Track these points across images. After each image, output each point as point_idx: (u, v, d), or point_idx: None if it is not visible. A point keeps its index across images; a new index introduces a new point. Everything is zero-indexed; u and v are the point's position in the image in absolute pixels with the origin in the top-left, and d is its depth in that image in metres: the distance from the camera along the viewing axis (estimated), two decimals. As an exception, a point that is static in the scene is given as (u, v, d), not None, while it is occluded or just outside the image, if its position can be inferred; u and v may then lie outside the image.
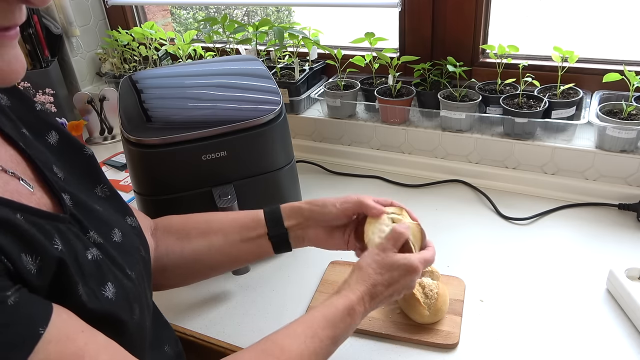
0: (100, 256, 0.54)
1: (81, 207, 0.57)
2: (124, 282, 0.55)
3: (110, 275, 0.54)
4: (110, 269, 0.54)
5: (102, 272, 0.53)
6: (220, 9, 3.93)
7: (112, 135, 1.65)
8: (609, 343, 0.80)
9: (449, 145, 1.25)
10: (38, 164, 0.55)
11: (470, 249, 1.03)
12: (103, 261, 0.54)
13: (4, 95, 0.59)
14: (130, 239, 0.63)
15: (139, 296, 0.58)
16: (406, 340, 0.83)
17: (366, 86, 1.35)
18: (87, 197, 0.59)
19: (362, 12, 3.04)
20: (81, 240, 0.53)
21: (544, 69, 1.23)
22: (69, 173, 0.59)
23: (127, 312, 0.54)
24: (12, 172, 0.51)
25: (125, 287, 0.55)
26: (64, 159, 0.60)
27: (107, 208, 0.62)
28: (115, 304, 0.52)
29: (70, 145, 0.63)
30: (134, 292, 0.56)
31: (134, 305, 0.55)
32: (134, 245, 0.63)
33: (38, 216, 0.49)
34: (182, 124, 0.93)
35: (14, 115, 0.58)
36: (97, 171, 0.65)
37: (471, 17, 1.24)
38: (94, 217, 0.58)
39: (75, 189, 0.58)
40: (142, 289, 0.60)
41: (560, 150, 1.14)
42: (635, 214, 1.07)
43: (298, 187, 1.07)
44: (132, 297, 0.56)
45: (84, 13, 1.72)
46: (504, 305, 0.89)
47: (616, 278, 0.87)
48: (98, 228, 0.57)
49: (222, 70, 1.10)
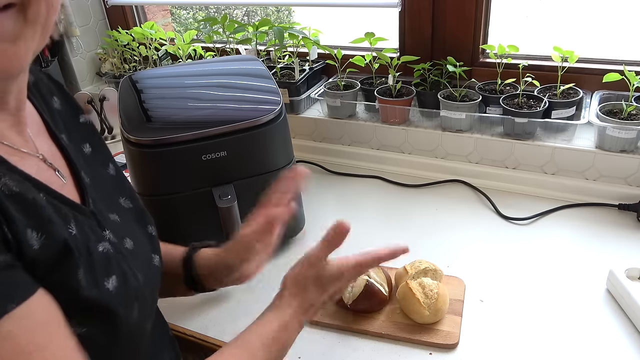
0: (112, 250, 0.55)
1: (100, 213, 0.59)
2: (130, 279, 0.56)
3: (117, 269, 0.55)
4: (119, 264, 0.56)
5: (109, 264, 0.54)
6: (220, 9, 3.93)
7: (112, 135, 1.65)
8: (609, 343, 0.80)
9: (449, 145, 1.25)
10: (74, 162, 0.60)
11: (470, 249, 1.03)
12: (113, 255, 0.55)
13: (58, 100, 0.65)
14: (144, 248, 0.65)
15: (143, 297, 0.58)
16: (406, 340, 0.83)
17: (366, 86, 1.35)
18: (107, 206, 0.62)
19: (362, 12, 3.04)
20: (96, 233, 0.55)
21: (544, 69, 1.23)
22: (94, 182, 0.62)
23: (126, 308, 0.54)
24: (51, 162, 0.56)
25: (129, 284, 0.56)
26: (93, 169, 0.64)
27: (127, 218, 0.65)
28: (114, 297, 0.52)
29: (100, 158, 0.67)
30: (138, 291, 0.57)
31: (134, 304, 0.56)
32: (146, 254, 0.65)
33: (60, 201, 0.52)
34: (182, 124, 0.93)
35: (61, 119, 0.63)
36: (122, 183, 0.69)
37: (471, 17, 1.24)
38: (110, 224, 0.60)
39: (97, 197, 0.61)
40: (147, 293, 0.60)
41: (560, 150, 1.14)
42: (635, 214, 1.07)
43: (298, 187, 1.06)
44: (135, 295, 0.56)
45: (84, 13, 1.72)
46: (504, 305, 0.89)
47: (616, 278, 0.87)
48: (113, 232, 0.59)
49: (222, 70, 1.10)
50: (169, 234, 0.99)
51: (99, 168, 0.66)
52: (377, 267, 0.92)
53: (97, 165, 0.65)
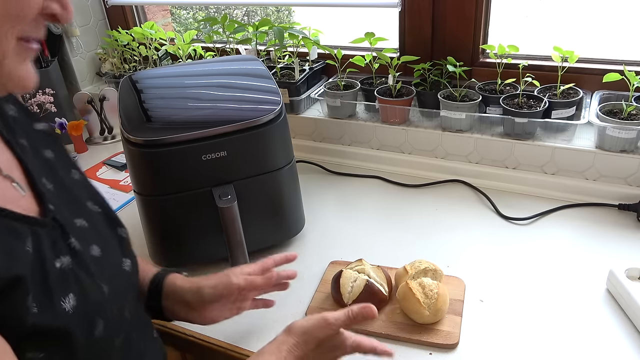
0: (71, 266, 0.53)
1: (65, 219, 0.57)
2: (91, 294, 0.54)
3: (76, 286, 0.53)
4: (78, 279, 0.54)
5: (66, 282, 0.52)
6: (220, 9, 3.93)
7: (112, 135, 1.65)
8: (609, 343, 0.80)
9: (449, 145, 1.25)
10: (31, 172, 0.58)
11: (470, 249, 1.03)
12: (72, 271, 0.53)
13: (14, 107, 0.64)
14: (113, 253, 0.63)
15: (109, 311, 0.56)
16: (406, 340, 0.83)
17: (366, 86, 1.35)
18: (73, 212, 0.60)
19: (362, 12, 3.04)
20: (56, 247, 0.53)
21: (544, 69, 1.23)
22: (58, 188, 0.61)
23: (87, 326, 0.52)
24: (7, 174, 0.55)
25: (90, 299, 0.54)
26: (57, 174, 0.62)
27: (95, 223, 0.63)
28: (71, 317, 0.51)
29: (63, 164, 0.65)
30: (101, 306, 0.55)
31: (97, 320, 0.54)
32: (115, 260, 0.63)
33: (13, 218, 0.50)
34: (182, 124, 0.93)
35: (18, 126, 0.61)
36: (88, 188, 0.67)
37: (471, 17, 1.24)
38: (75, 230, 0.58)
39: (62, 203, 0.59)
40: (114, 304, 0.58)
41: (560, 150, 1.14)
42: (635, 214, 1.07)
43: (298, 187, 1.07)
44: (97, 310, 0.54)
45: (84, 13, 1.72)
46: (504, 305, 0.89)
47: (616, 278, 0.87)
48: (79, 239, 0.57)
49: (222, 70, 1.10)
50: (169, 234, 0.99)
51: (63, 173, 0.64)
52: (377, 267, 0.92)
53: (60, 171, 0.64)
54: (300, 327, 0.68)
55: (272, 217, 1.03)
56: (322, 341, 0.67)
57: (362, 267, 0.91)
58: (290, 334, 0.68)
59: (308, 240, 1.09)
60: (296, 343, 0.67)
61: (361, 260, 0.93)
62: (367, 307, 0.68)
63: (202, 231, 0.98)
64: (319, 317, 0.68)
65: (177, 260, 1.01)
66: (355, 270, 0.90)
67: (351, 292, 0.87)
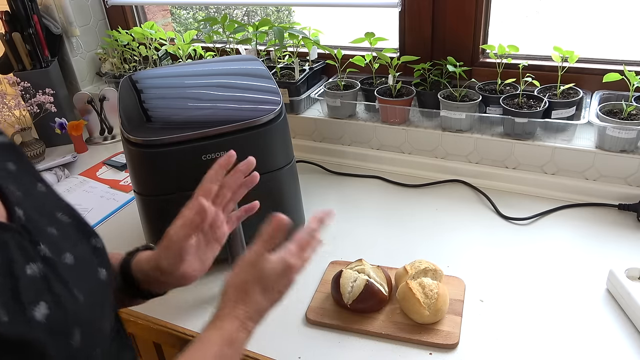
0: (42, 272, 0.50)
1: (35, 225, 0.54)
2: (66, 303, 0.50)
3: (48, 295, 0.49)
4: (51, 287, 0.50)
5: (37, 290, 0.48)
6: (220, 9, 3.93)
7: (112, 135, 1.65)
8: (609, 343, 0.80)
9: (449, 145, 1.25)
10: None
11: (470, 249, 1.03)
12: (43, 278, 0.49)
13: None
14: (87, 262, 0.59)
15: (85, 320, 0.53)
16: (406, 340, 0.83)
17: (366, 86, 1.35)
18: (44, 220, 0.57)
19: (362, 12, 3.04)
20: (25, 253, 0.49)
21: (544, 69, 1.23)
22: (26, 196, 0.57)
23: (63, 336, 0.49)
24: None
25: (64, 308, 0.50)
26: (22, 185, 0.59)
27: (67, 233, 0.59)
28: (43, 327, 0.47)
29: (28, 177, 0.62)
30: (76, 314, 0.51)
31: (73, 330, 0.50)
32: (90, 268, 0.59)
33: None
34: (182, 124, 0.93)
35: None
36: (56, 199, 0.63)
37: (471, 17, 1.24)
38: (46, 237, 0.55)
39: (32, 210, 0.56)
40: (91, 314, 0.55)
41: (560, 150, 1.14)
42: (635, 214, 1.07)
43: (298, 187, 1.07)
44: (73, 320, 0.51)
45: (84, 13, 1.72)
46: (504, 305, 0.89)
47: (616, 278, 0.87)
48: (49, 246, 0.54)
49: (222, 70, 1.10)
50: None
51: (29, 185, 0.61)
52: (377, 267, 0.92)
53: (26, 183, 0.60)
54: (229, 284, 0.65)
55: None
56: (259, 279, 0.63)
57: (362, 267, 0.91)
58: (225, 295, 0.64)
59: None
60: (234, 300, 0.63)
61: (361, 260, 0.93)
62: (276, 217, 0.64)
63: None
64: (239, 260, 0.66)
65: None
66: (355, 270, 0.90)
67: (351, 292, 0.87)
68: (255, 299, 0.63)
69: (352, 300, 0.87)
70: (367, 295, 0.86)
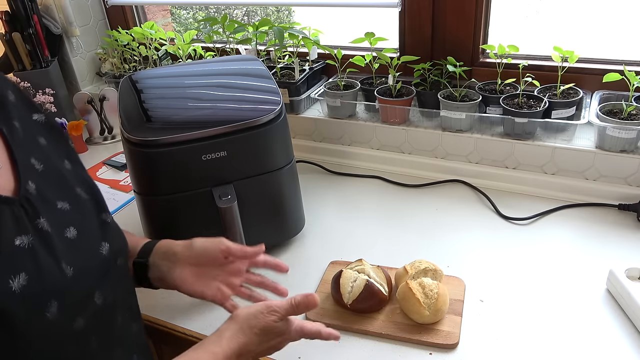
0: (31, 244, 0.52)
1: (44, 199, 0.57)
2: (48, 274, 0.53)
3: (30, 265, 0.52)
4: (36, 259, 0.53)
5: (20, 261, 0.51)
6: (220, 9, 3.93)
7: (112, 135, 1.65)
8: (609, 343, 0.80)
9: (449, 145, 1.25)
10: (12, 149, 0.57)
11: (470, 249, 1.03)
12: (30, 250, 0.52)
13: (13, 93, 0.64)
14: (90, 237, 0.62)
15: (67, 293, 0.55)
16: (406, 340, 0.83)
17: (366, 86, 1.35)
18: (57, 194, 0.60)
19: (362, 12, 3.04)
20: (18, 225, 0.52)
21: (544, 69, 1.23)
22: (48, 170, 0.61)
23: (33, 308, 0.51)
24: None
25: (45, 280, 0.52)
26: (48, 159, 0.63)
27: (80, 208, 0.63)
28: (15, 297, 0.49)
29: (57, 153, 0.65)
30: (57, 286, 0.54)
31: (49, 302, 0.52)
32: (92, 243, 0.62)
33: None
34: (182, 124, 0.93)
35: (15, 110, 0.61)
36: (80, 177, 0.67)
37: (471, 17, 1.24)
38: (53, 211, 0.58)
39: (47, 184, 0.59)
40: (79, 287, 0.57)
41: (560, 150, 1.14)
42: (635, 214, 1.07)
43: (298, 187, 1.07)
44: (52, 292, 0.53)
45: (84, 13, 1.72)
46: (504, 305, 0.89)
47: (616, 278, 0.87)
48: (52, 220, 0.57)
49: (222, 70, 1.10)
50: (169, 234, 0.99)
51: (55, 160, 0.64)
52: (377, 267, 0.92)
53: (53, 158, 0.64)
54: (244, 314, 0.69)
55: (272, 217, 1.03)
56: (265, 327, 0.68)
57: (362, 267, 0.91)
58: (234, 320, 0.69)
59: (308, 240, 1.09)
60: (239, 329, 0.67)
61: (361, 260, 0.93)
62: (310, 296, 0.69)
63: (202, 231, 0.97)
64: (262, 303, 0.70)
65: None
66: (355, 270, 0.90)
67: (351, 292, 0.87)
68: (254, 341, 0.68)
69: (352, 300, 0.87)
70: (367, 295, 0.86)
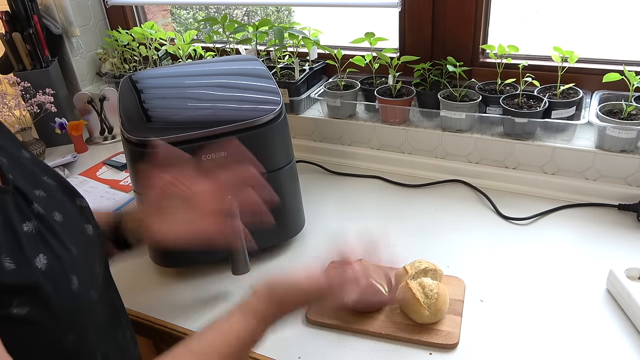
0: (37, 229, 0.56)
1: (25, 188, 0.59)
2: (61, 254, 0.57)
3: (45, 247, 0.55)
4: (47, 241, 0.56)
5: (35, 244, 0.54)
6: (220, 9, 3.93)
7: (112, 135, 1.65)
8: (609, 343, 0.80)
9: (449, 145, 1.25)
10: None
11: (470, 249, 1.03)
12: (39, 234, 0.56)
13: None
14: (75, 219, 0.65)
15: (80, 268, 0.59)
16: (406, 340, 0.83)
17: (366, 86, 1.35)
18: (31, 183, 0.62)
19: (362, 12, 3.04)
20: (20, 212, 0.55)
21: (544, 69, 1.23)
22: (12, 163, 0.62)
23: (62, 283, 0.55)
24: None
25: (61, 259, 0.56)
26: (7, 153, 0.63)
27: (54, 194, 0.65)
28: (46, 275, 0.53)
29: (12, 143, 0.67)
30: (71, 263, 0.58)
31: (71, 276, 0.57)
32: (77, 225, 0.65)
33: None
34: (182, 124, 0.93)
35: None
36: (40, 165, 0.68)
37: (471, 17, 1.24)
38: (36, 199, 0.60)
39: (18, 175, 0.61)
40: (84, 263, 0.61)
41: (560, 150, 1.14)
42: (635, 214, 1.07)
43: (298, 187, 1.07)
44: (70, 267, 0.57)
45: (84, 13, 1.72)
46: (504, 305, 0.89)
47: (616, 278, 0.87)
48: (41, 206, 0.59)
49: (222, 70, 1.10)
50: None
51: (14, 152, 0.65)
52: (376, 267, 0.92)
53: (11, 151, 0.65)
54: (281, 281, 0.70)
55: (272, 217, 1.02)
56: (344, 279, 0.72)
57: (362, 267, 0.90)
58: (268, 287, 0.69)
59: (308, 240, 1.09)
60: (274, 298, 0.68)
61: (361, 260, 0.93)
62: None
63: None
64: None
65: (177, 260, 1.01)
66: None
67: None
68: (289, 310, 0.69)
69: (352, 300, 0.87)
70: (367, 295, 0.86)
